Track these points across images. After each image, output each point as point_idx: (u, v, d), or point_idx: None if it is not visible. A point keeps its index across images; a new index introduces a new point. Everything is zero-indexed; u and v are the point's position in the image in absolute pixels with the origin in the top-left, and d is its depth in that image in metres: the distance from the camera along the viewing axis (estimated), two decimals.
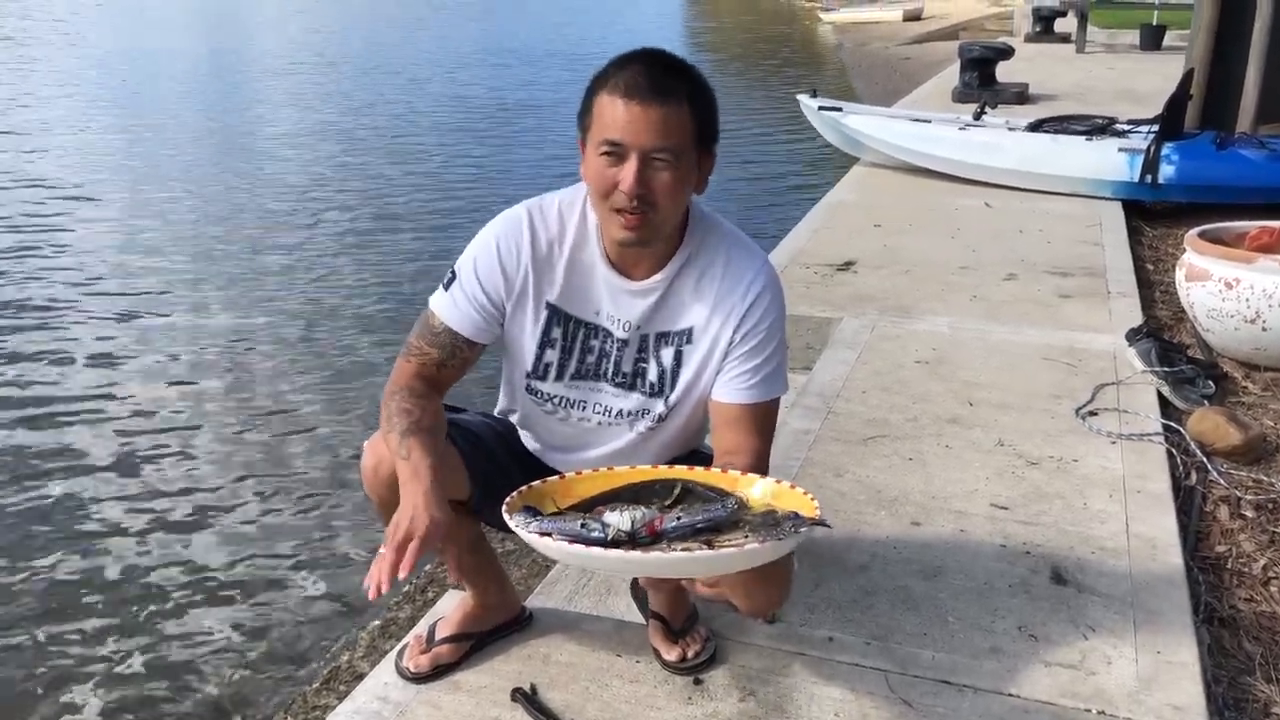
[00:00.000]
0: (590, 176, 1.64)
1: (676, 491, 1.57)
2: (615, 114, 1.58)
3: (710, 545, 1.40)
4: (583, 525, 1.44)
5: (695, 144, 1.64)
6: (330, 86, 13.85)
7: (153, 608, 3.17)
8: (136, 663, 2.93)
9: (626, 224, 1.62)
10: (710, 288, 1.76)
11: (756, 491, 1.56)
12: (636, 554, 1.39)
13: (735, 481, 1.60)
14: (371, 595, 1.48)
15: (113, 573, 3.34)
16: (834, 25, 20.64)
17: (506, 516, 1.49)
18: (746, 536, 1.40)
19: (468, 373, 1.82)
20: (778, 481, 1.58)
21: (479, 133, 10.64)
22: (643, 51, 1.64)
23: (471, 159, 9.50)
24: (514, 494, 1.55)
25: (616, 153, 1.59)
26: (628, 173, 1.58)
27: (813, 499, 1.49)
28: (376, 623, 2.75)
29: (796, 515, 1.45)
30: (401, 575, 1.48)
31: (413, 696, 1.99)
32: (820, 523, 1.45)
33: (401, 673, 2.05)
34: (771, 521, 1.43)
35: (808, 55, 18.17)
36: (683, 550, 1.40)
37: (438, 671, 2.04)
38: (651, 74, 1.59)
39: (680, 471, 1.63)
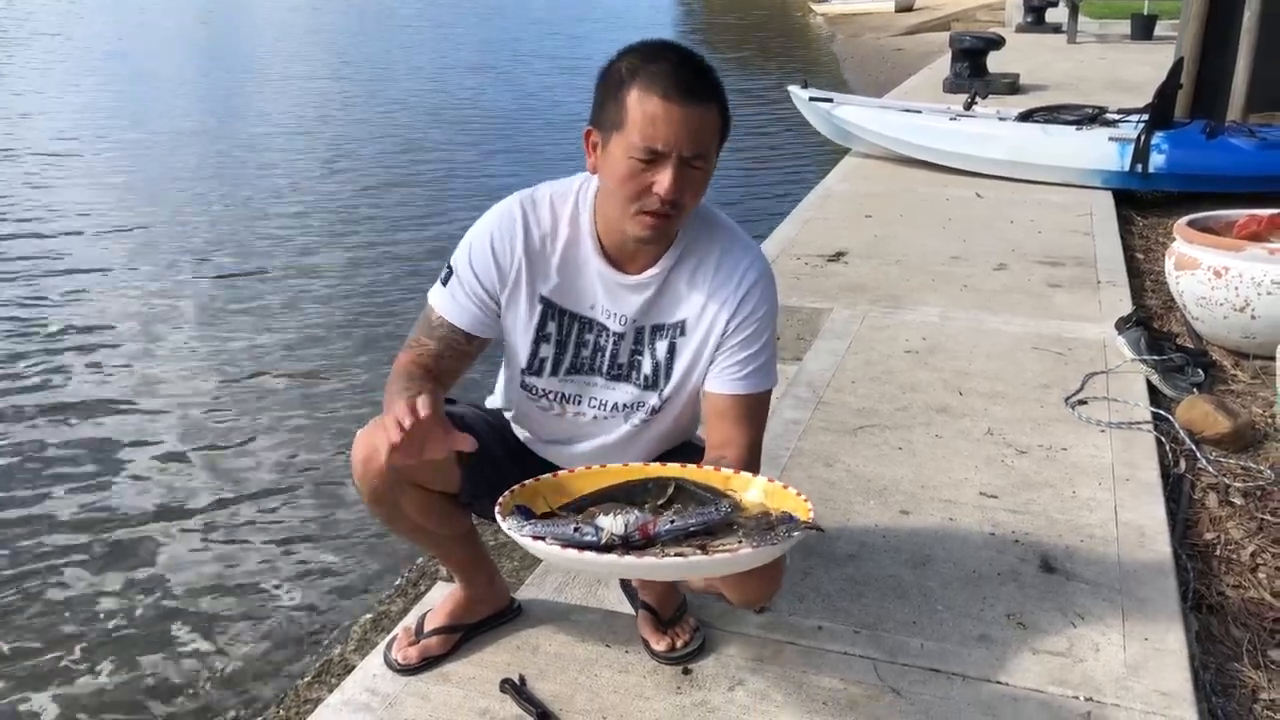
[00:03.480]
0: (616, 178, 1.60)
1: (670, 491, 1.57)
2: (655, 116, 1.54)
3: (704, 548, 1.40)
4: (575, 529, 1.43)
5: (719, 144, 1.64)
6: (332, 86, 13.77)
7: (144, 602, 3.16)
8: (128, 657, 2.93)
9: (651, 224, 1.61)
10: (704, 279, 1.76)
11: (750, 494, 1.56)
12: (630, 558, 1.38)
13: (728, 480, 1.59)
14: (385, 462, 1.48)
15: (102, 567, 3.34)
16: (826, 17, 20.58)
17: (499, 519, 1.48)
18: (740, 541, 1.40)
19: (468, 369, 1.82)
20: (770, 480, 1.57)
21: (477, 133, 10.54)
22: (665, 45, 1.61)
23: (471, 160, 9.40)
24: (506, 494, 1.54)
25: (653, 159, 1.56)
26: (665, 178, 1.56)
27: (806, 500, 1.49)
28: (368, 616, 2.74)
29: (790, 518, 1.45)
30: (406, 423, 1.44)
31: (401, 688, 1.99)
32: (814, 527, 1.45)
33: (390, 664, 2.05)
34: (765, 525, 1.43)
35: (800, 47, 18.14)
36: (676, 554, 1.39)
37: (426, 663, 2.04)
38: (685, 72, 1.56)
39: (673, 470, 1.63)
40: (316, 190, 8.21)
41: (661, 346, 1.79)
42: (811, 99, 6.92)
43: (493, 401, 2.00)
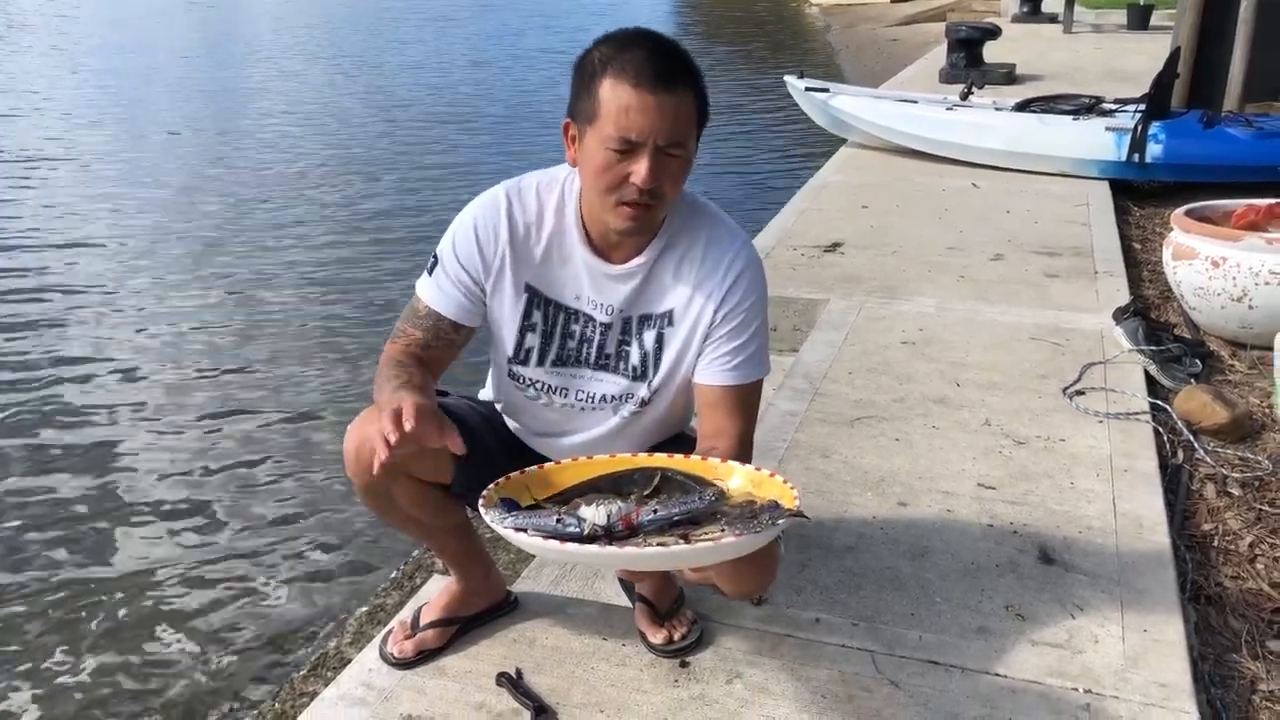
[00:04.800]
0: (593, 169, 1.59)
1: (656, 481, 1.55)
2: (627, 106, 1.52)
3: (686, 538, 1.38)
4: (558, 520, 1.42)
5: (697, 131, 1.62)
6: (325, 84, 13.68)
7: (141, 597, 3.15)
8: (122, 652, 2.91)
9: (632, 215, 1.60)
10: (691, 269, 1.74)
11: (736, 482, 1.55)
12: (611, 549, 1.37)
13: (715, 469, 1.58)
14: (376, 471, 1.48)
15: (99, 562, 3.32)
16: (821, 7, 20.54)
17: (483, 511, 1.47)
18: (723, 530, 1.38)
19: (455, 358, 1.80)
20: (758, 469, 1.56)
21: (473, 128, 10.45)
22: (640, 33, 1.59)
23: (468, 156, 9.33)
24: (490, 486, 1.52)
25: (629, 149, 1.55)
26: (642, 168, 1.55)
27: (792, 488, 1.47)
28: (364, 609, 2.73)
29: (775, 506, 1.44)
30: (392, 439, 1.44)
31: (397, 682, 1.98)
32: (798, 514, 1.43)
33: (386, 658, 2.04)
34: (749, 514, 1.42)
35: (795, 37, 18.10)
36: (658, 544, 1.38)
37: (422, 657, 2.03)
38: (658, 60, 1.54)
39: (660, 459, 1.61)
40: (309, 188, 8.15)
41: (649, 337, 1.77)
42: (807, 89, 6.89)
43: (485, 394, 1.99)
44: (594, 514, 1.42)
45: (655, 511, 1.42)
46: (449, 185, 8.09)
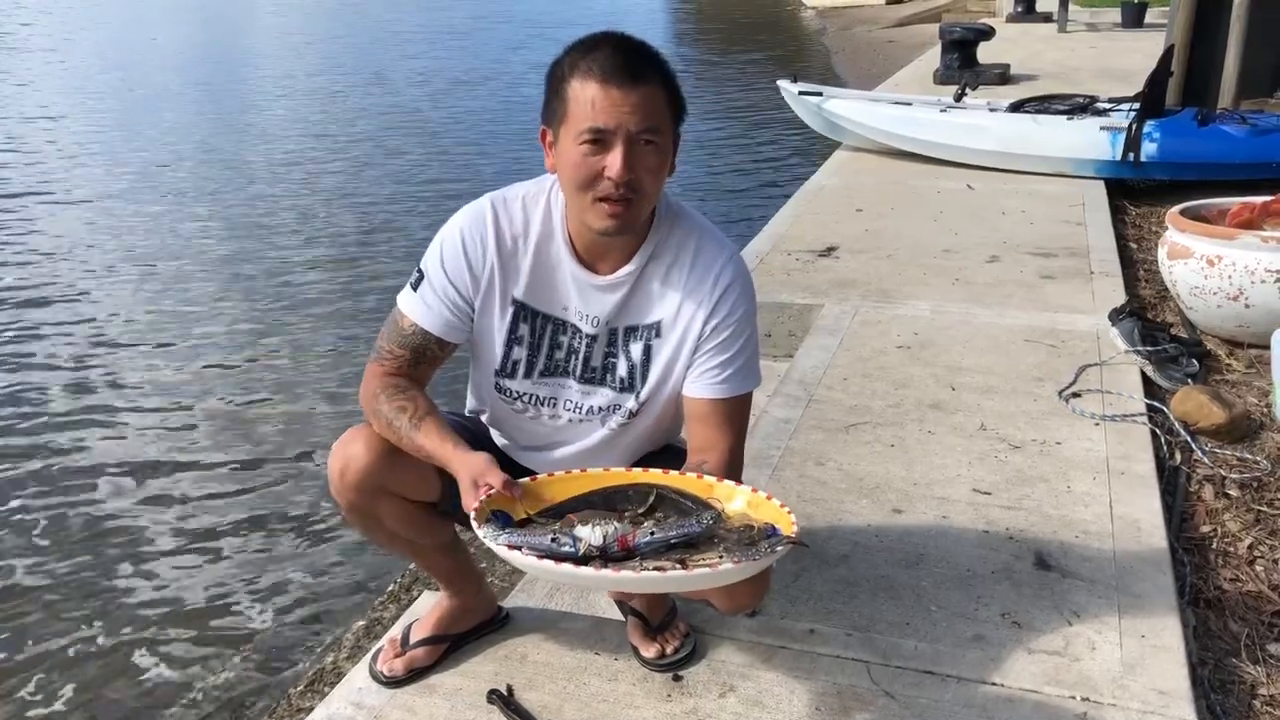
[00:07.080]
0: (569, 168, 1.57)
1: (650, 499, 1.53)
2: (595, 99, 1.52)
3: (683, 563, 1.36)
4: (553, 539, 1.40)
5: (672, 123, 1.61)
6: (322, 95, 13.67)
7: (138, 614, 3.14)
8: (121, 668, 2.91)
9: (612, 212, 1.58)
10: (679, 279, 1.72)
11: (735, 505, 1.53)
12: (607, 571, 1.35)
13: (711, 488, 1.56)
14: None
15: (98, 577, 3.32)
16: (817, 10, 20.56)
17: (475, 526, 1.45)
18: (721, 556, 1.37)
19: (437, 373, 1.79)
20: (754, 491, 1.54)
21: (469, 145, 10.41)
22: (604, 35, 1.59)
23: (463, 172, 9.27)
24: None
25: (601, 140, 1.53)
26: (615, 159, 1.53)
27: (790, 513, 1.46)
28: (361, 623, 2.71)
29: (774, 530, 1.42)
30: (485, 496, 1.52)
31: (387, 701, 1.96)
32: (798, 542, 1.42)
33: (376, 676, 2.02)
34: (747, 540, 1.40)
35: (790, 40, 18.10)
36: (655, 569, 1.36)
37: (413, 675, 2.01)
38: (622, 56, 1.54)
39: (654, 476, 1.59)
40: (302, 204, 8.11)
41: (636, 348, 1.76)
42: (801, 93, 6.88)
43: (469, 408, 1.97)
44: (590, 534, 1.39)
45: (652, 534, 1.40)
46: (444, 205, 8.03)
